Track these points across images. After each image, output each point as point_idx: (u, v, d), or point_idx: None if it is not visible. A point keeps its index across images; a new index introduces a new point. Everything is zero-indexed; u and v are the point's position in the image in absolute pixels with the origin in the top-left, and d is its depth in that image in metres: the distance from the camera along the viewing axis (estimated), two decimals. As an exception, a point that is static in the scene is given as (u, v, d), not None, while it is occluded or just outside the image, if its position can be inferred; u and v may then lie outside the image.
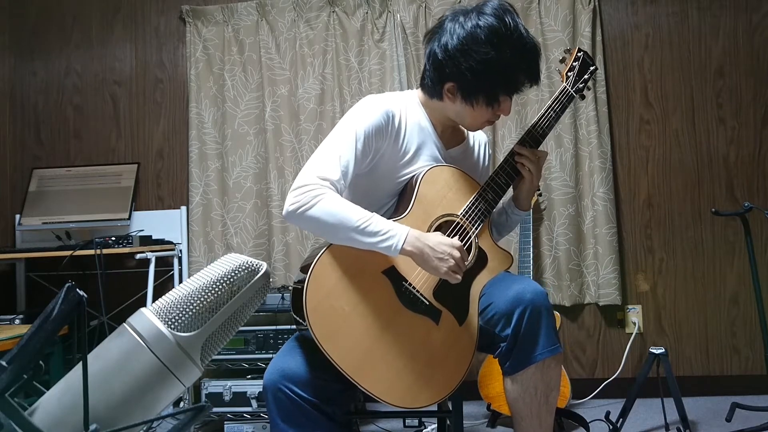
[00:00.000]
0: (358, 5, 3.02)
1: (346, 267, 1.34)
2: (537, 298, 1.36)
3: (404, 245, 1.32)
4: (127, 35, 3.24)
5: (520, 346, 1.37)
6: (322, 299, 1.30)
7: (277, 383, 1.30)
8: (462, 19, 1.42)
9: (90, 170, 3.09)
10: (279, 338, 2.51)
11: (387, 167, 1.49)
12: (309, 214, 1.32)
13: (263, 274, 0.74)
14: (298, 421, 1.29)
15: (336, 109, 2.99)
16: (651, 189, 2.95)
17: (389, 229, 1.33)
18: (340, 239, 1.34)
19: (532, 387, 1.39)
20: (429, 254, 1.33)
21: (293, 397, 1.29)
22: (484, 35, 1.38)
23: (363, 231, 1.32)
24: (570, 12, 2.90)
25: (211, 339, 0.71)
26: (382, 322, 1.34)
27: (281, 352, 1.43)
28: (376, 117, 1.44)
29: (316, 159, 1.41)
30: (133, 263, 2.96)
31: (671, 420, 2.36)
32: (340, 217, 1.32)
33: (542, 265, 2.90)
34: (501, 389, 2.38)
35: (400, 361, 1.34)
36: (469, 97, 1.45)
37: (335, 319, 1.30)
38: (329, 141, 1.44)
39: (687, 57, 2.96)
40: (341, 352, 1.28)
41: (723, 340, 2.89)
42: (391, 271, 1.38)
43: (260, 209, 3.06)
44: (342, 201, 1.34)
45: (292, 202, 1.34)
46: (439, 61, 1.44)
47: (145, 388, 0.66)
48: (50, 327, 0.61)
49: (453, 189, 1.49)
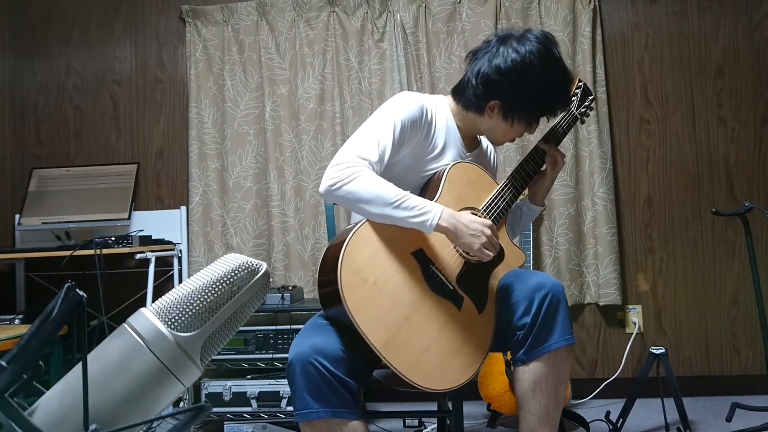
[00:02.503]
0: (358, 5, 3.02)
1: (378, 245, 1.39)
2: (556, 288, 1.45)
3: (440, 221, 1.38)
4: (127, 35, 3.24)
5: (537, 333, 1.42)
6: (355, 272, 1.33)
7: (309, 357, 1.30)
8: (515, 43, 1.52)
9: (90, 170, 3.09)
10: (279, 338, 2.51)
11: (415, 160, 1.55)
12: (347, 188, 1.37)
13: (263, 274, 0.74)
14: (325, 395, 1.30)
15: (336, 109, 2.99)
16: (651, 189, 2.95)
17: (425, 205, 1.39)
18: (376, 214, 1.38)
19: (543, 377, 1.42)
20: (463, 230, 1.40)
21: (323, 372, 1.30)
22: (537, 61, 1.50)
23: (400, 206, 1.37)
24: (570, 12, 2.90)
25: (211, 339, 0.70)
26: (410, 302, 1.38)
27: (308, 329, 1.45)
28: (413, 109, 1.52)
29: (356, 140, 1.47)
30: (133, 263, 2.96)
31: (671, 420, 2.36)
32: (378, 192, 1.37)
33: (542, 265, 2.90)
34: (501, 389, 2.39)
35: (424, 342, 1.38)
36: (510, 115, 1.56)
37: (366, 294, 1.33)
38: (368, 126, 1.50)
39: (687, 57, 2.96)
40: (371, 326, 1.31)
41: (723, 340, 2.89)
42: (420, 254, 1.43)
43: (260, 209, 3.06)
44: (379, 178, 1.40)
45: (330, 177, 1.39)
46: (489, 80, 1.53)
47: (145, 388, 0.66)
48: (50, 327, 0.61)
49: (475, 185, 1.57)
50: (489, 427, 2.56)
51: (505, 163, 2.89)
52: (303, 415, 1.31)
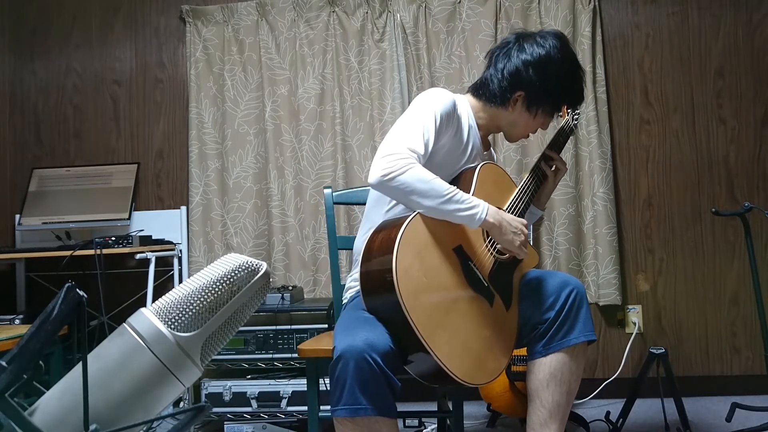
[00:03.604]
0: (358, 5, 3.02)
1: (428, 238, 1.42)
2: (581, 286, 1.55)
3: (487, 216, 1.45)
4: (127, 35, 3.24)
5: (559, 326, 1.48)
6: (408, 265, 1.35)
7: (363, 352, 1.27)
8: (538, 39, 1.64)
9: (90, 170, 3.09)
10: (279, 338, 2.51)
11: (448, 153, 1.60)
12: (401, 179, 1.39)
13: (263, 274, 0.74)
14: (375, 394, 1.28)
15: (336, 109, 2.99)
16: (651, 189, 2.95)
17: (473, 200, 1.45)
18: (427, 206, 1.41)
19: (558, 370, 1.46)
20: (507, 227, 1.48)
21: (375, 369, 1.27)
22: (561, 55, 1.62)
23: (451, 199, 1.42)
24: (570, 12, 2.90)
25: (211, 339, 0.70)
26: (452, 297, 1.42)
27: (354, 322, 1.41)
28: (448, 103, 1.57)
29: (402, 131, 1.48)
30: (133, 263, 2.96)
31: (671, 420, 2.36)
32: (431, 185, 1.41)
33: (542, 265, 2.90)
34: (501, 389, 2.39)
35: (462, 337, 1.41)
36: (534, 106, 1.65)
37: (417, 285, 1.36)
38: (411, 117, 1.52)
39: (687, 57, 2.95)
40: (421, 318, 1.33)
41: (723, 340, 2.89)
42: (460, 250, 1.47)
43: (260, 209, 3.06)
44: (429, 171, 1.43)
45: (383, 167, 1.40)
46: (517, 72, 1.62)
47: (145, 388, 0.66)
48: (50, 327, 0.61)
49: (499, 186, 1.65)
50: (489, 427, 2.56)
51: (505, 163, 2.89)
52: (351, 410, 1.28)
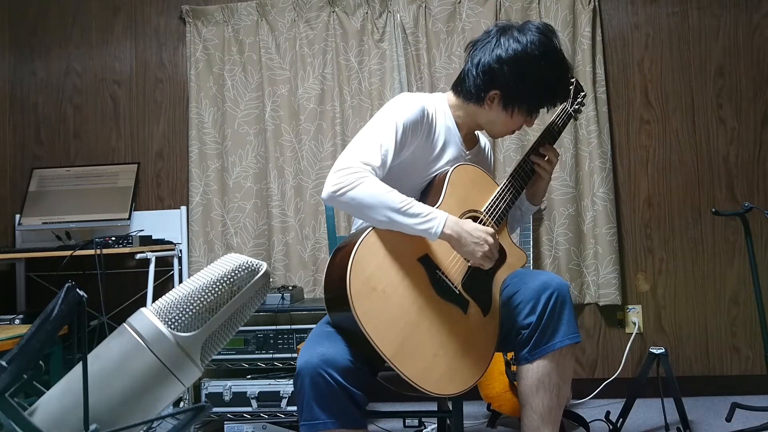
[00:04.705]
0: (358, 5, 3.02)
1: (386, 252, 1.38)
2: (562, 287, 1.45)
3: (444, 228, 1.38)
4: (127, 35, 3.24)
5: (542, 331, 1.43)
6: (364, 281, 1.32)
7: (317, 368, 1.29)
8: (516, 33, 1.52)
9: (90, 170, 3.09)
10: (279, 338, 2.51)
11: (417, 162, 1.55)
12: (351, 194, 1.36)
13: (263, 274, 0.74)
14: (333, 407, 1.29)
15: (336, 109, 2.99)
16: (651, 189, 2.95)
17: (430, 212, 1.39)
18: (381, 221, 1.37)
19: (546, 376, 1.42)
20: (466, 238, 1.40)
21: (332, 384, 1.28)
22: (538, 51, 1.49)
23: (405, 212, 1.36)
24: (570, 12, 2.90)
25: (212, 339, 0.70)
26: (418, 309, 1.38)
27: (316, 336, 1.43)
28: (414, 111, 1.50)
29: (358, 145, 1.45)
30: (133, 263, 2.96)
31: (671, 420, 2.36)
32: (381, 199, 1.36)
33: (542, 265, 2.90)
34: (501, 389, 2.39)
35: (433, 349, 1.37)
36: (510, 105, 1.55)
37: (376, 302, 1.32)
38: (370, 129, 1.48)
39: (687, 57, 2.96)
40: (381, 335, 1.30)
41: (723, 340, 2.89)
42: (426, 259, 1.42)
43: (260, 209, 3.06)
44: (383, 184, 1.39)
45: (334, 183, 1.37)
46: (490, 69, 1.52)
47: (145, 388, 0.66)
48: (50, 327, 0.61)
49: (477, 187, 1.57)
50: (489, 427, 2.56)
51: (505, 163, 2.89)
52: (310, 426, 1.30)
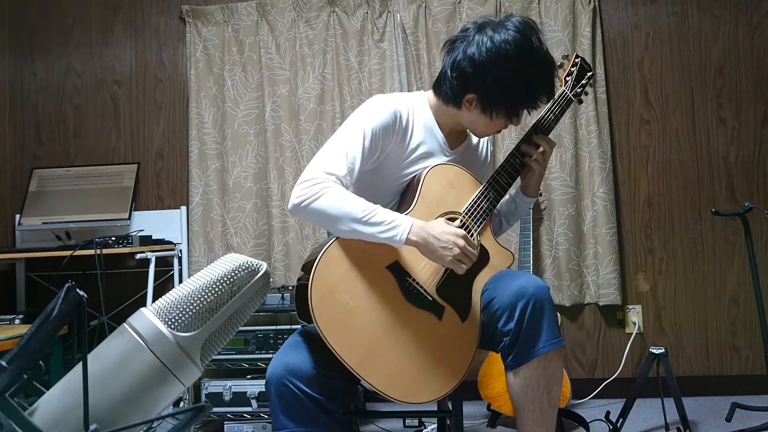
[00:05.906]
0: (358, 5, 3.02)
1: (351, 261, 1.35)
2: (539, 292, 1.36)
3: (409, 235, 1.34)
4: (127, 35, 3.24)
5: (523, 340, 1.37)
6: (327, 293, 1.30)
7: (282, 378, 1.30)
8: (490, 32, 1.43)
9: (90, 170, 3.09)
10: (279, 338, 2.51)
11: (392, 166, 1.50)
12: (314, 206, 1.34)
13: (263, 274, 0.74)
14: (300, 416, 1.30)
15: (336, 109, 2.99)
16: (651, 189, 2.95)
17: (393, 219, 1.34)
18: (345, 231, 1.34)
19: (534, 381, 1.39)
20: (434, 243, 1.34)
21: (297, 393, 1.29)
22: (513, 51, 1.40)
23: (367, 221, 1.32)
24: (570, 12, 2.90)
25: (211, 339, 0.70)
26: (386, 317, 1.35)
27: (285, 346, 1.42)
28: (384, 116, 1.46)
29: (323, 155, 1.42)
30: (133, 263, 2.96)
31: (671, 420, 2.36)
32: (344, 209, 1.33)
33: (542, 265, 2.90)
34: (501, 389, 2.39)
35: (403, 357, 1.35)
36: (489, 109, 1.47)
37: (340, 313, 1.30)
38: (337, 137, 1.46)
39: (687, 57, 2.95)
40: (345, 346, 1.29)
41: (723, 340, 2.89)
42: (395, 267, 1.39)
43: (260, 209, 3.06)
44: (347, 193, 1.36)
45: (297, 195, 1.35)
46: (464, 72, 1.45)
47: (145, 388, 0.66)
48: (50, 327, 0.61)
49: (456, 187, 1.50)
50: (489, 427, 2.56)
51: (505, 162, 2.89)
52: None
